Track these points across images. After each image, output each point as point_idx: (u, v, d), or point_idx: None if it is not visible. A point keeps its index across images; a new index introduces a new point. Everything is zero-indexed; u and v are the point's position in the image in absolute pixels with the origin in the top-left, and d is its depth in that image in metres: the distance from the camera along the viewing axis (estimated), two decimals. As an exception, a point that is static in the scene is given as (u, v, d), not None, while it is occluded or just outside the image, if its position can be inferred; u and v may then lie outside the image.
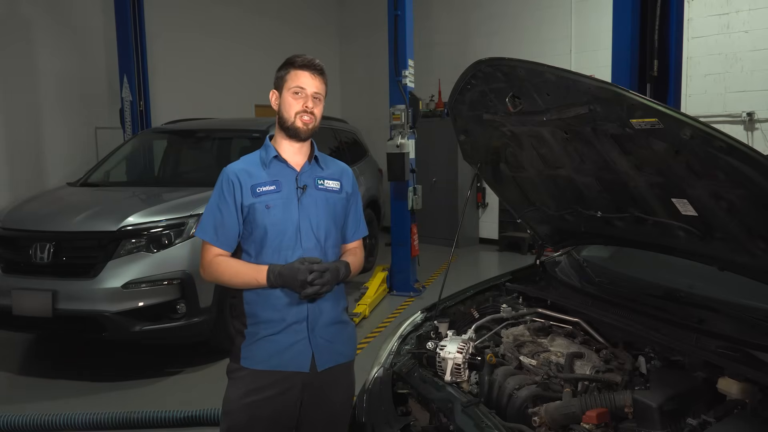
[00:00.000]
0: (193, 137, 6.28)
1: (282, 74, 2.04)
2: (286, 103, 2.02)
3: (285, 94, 2.02)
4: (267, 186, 2.01)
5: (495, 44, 9.16)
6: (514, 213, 2.74)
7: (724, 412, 1.60)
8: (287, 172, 2.05)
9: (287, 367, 1.99)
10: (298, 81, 2.00)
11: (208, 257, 2.02)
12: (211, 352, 4.61)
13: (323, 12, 11.42)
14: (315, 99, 2.02)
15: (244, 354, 2.00)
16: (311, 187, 2.06)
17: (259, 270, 1.94)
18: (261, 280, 1.93)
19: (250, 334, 2.01)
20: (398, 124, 6.50)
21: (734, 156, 1.46)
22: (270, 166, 2.04)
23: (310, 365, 2.01)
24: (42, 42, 7.44)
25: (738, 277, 1.88)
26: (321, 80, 2.03)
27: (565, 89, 1.76)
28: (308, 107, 2.01)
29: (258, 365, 1.99)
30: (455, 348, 2.03)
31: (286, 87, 2.01)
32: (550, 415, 1.71)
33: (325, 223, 2.05)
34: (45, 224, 4.44)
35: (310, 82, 2.01)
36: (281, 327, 1.98)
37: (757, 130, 7.10)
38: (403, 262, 6.76)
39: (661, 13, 4.42)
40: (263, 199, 1.99)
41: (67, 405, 3.85)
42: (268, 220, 1.98)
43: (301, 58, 2.02)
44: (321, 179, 2.09)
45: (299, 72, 2.00)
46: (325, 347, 2.04)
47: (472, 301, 2.61)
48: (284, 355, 1.99)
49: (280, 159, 2.06)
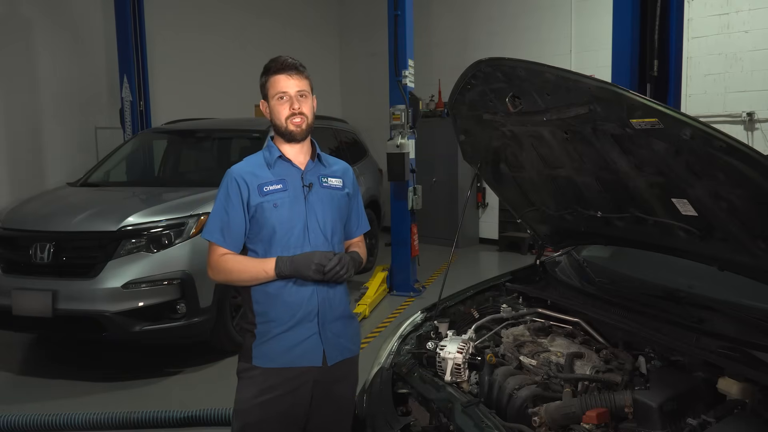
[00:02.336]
0: (193, 137, 6.28)
1: (263, 82, 2.07)
2: (274, 111, 2.05)
3: (271, 102, 2.05)
4: (274, 185, 2.03)
5: (495, 44, 9.16)
6: (514, 213, 2.74)
7: (724, 412, 1.60)
8: (292, 171, 2.07)
9: (300, 362, 2.01)
10: (278, 86, 2.03)
11: (215, 257, 2.04)
12: (211, 352, 4.61)
13: (323, 12, 11.41)
14: (300, 97, 2.03)
15: (255, 353, 2.02)
16: (317, 185, 2.08)
17: (267, 262, 1.97)
18: (269, 271, 1.96)
19: (261, 333, 2.03)
20: (398, 124, 6.50)
21: (734, 156, 1.46)
22: (275, 166, 2.06)
23: (322, 360, 2.03)
24: (42, 42, 7.44)
25: (738, 277, 1.88)
26: (300, 77, 2.05)
27: (565, 89, 1.76)
28: (296, 109, 2.02)
29: (271, 363, 2.01)
30: (455, 348, 2.03)
31: (270, 95, 2.05)
32: (550, 415, 1.71)
33: (331, 219, 2.09)
34: (45, 224, 4.44)
35: (289, 82, 2.02)
36: (292, 323, 2.01)
37: (757, 130, 7.10)
38: (403, 262, 6.76)
39: (661, 13, 4.41)
40: (271, 198, 2.01)
41: (67, 405, 3.85)
42: (277, 218, 2.00)
43: (275, 63, 2.05)
44: (325, 177, 2.12)
45: (277, 77, 2.03)
46: (334, 342, 2.07)
47: (472, 301, 2.61)
48: (296, 351, 2.01)
49: (284, 158, 2.08)
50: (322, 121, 6.93)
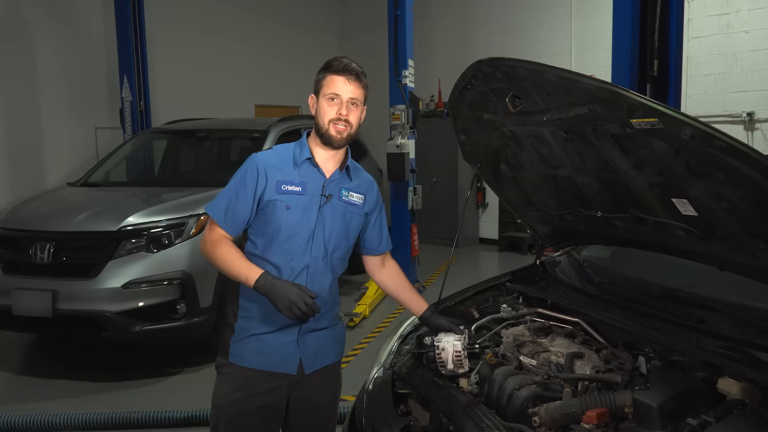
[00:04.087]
0: (193, 137, 6.27)
1: (319, 78, 1.99)
2: (321, 110, 1.97)
3: (321, 100, 1.97)
4: (293, 186, 1.97)
5: (495, 44, 9.16)
6: (514, 213, 2.74)
7: (724, 412, 1.60)
8: (316, 177, 2.01)
9: (274, 368, 1.99)
10: (333, 87, 1.95)
11: (212, 236, 1.97)
12: (211, 352, 4.57)
13: (323, 12, 11.41)
14: (351, 105, 1.96)
15: (232, 350, 2.01)
16: (335, 197, 2.03)
17: (253, 270, 1.89)
18: (251, 279, 1.87)
19: (240, 329, 2.01)
20: (398, 124, 6.51)
21: (734, 156, 1.46)
22: (301, 167, 2.00)
23: (298, 368, 2.01)
24: (42, 42, 7.44)
25: (738, 277, 1.87)
26: (358, 85, 1.96)
27: (565, 89, 1.76)
28: (342, 114, 1.95)
29: (245, 363, 1.99)
30: (453, 337, 2.01)
31: (322, 93, 1.97)
32: (550, 415, 1.71)
33: (337, 235, 2.03)
34: (45, 224, 4.44)
35: (345, 87, 1.95)
36: (273, 328, 1.98)
37: (757, 130, 7.10)
38: (403, 262, 6.73)
39: (661, 13, 4.42)
40: (285, 198, 1.95)
41: (67, 405, 3.85)
42: (285, 220, 1.95)
43: (338, 62, 1.96)
44: (347, 191, 2.06)
45: (334, 77, 1.95)
46: (313, 351, 2.04)
47: (472, 301, 2.61)
48: (272, 357, 1.99)
49: (312, 162, 2.02)
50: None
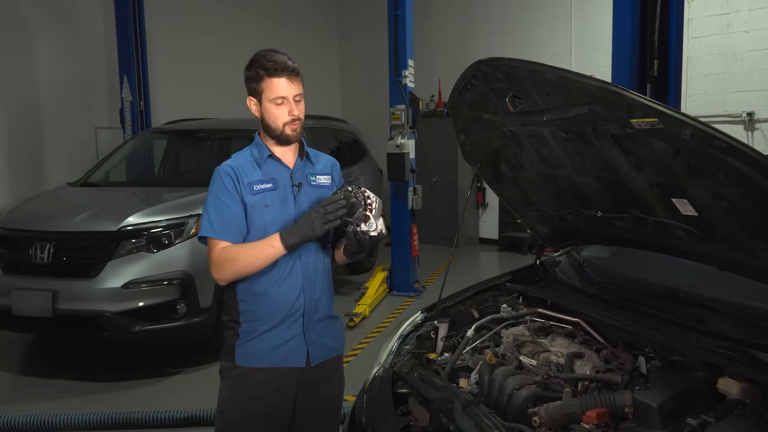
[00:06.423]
0: (193, 137, 6.28)
1: (255, 80, 1.95)
2: (270, 114, 1.97)
3: (267, 104, 1.96)
4: (264, 184, 2.00)
5: (495, 44, 9.16)
6: (514, 213, 2.74)
7: (724, 412, 1.60)
8: (281, 170, 2.04)
9: (284, 363, 2.00)
10: (277, 90, 1.93)
11: (216, 252, 1.96)
12: (211, 352, 4.60)
13: (323, 12, 11.41)
14: (297, 102, 1.97)
15: (239, 352, 2.01)
16: (305, 184, 2.07)
17: (270, 238, 1.91)
18: (277, 245, 1.89)
19: (245, 332, 2.01)
20: (398, 124, 6.50)
21: (734, 156, 1.46)
22: (264, 166, 2.03)
23: (306, 361, 2.03)
24: (42, 42, 7.44)
25: (738, 277, 1.88)
26: (297, 80, 1.96)
27: (565, 89, 1.76)
28: (294, 115, 1.96)
29: (254, 363, 1.99)
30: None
31: (265, 97, 1.95)
32: (550, 415, 1.71)
33: None
34: (45, 224, 4.44)
35: (288, 87, 1.94)
36: (277, 323, 1.99)
37: (757, 130, 7.10)
38: (403, 262, 6.75)
39: (661, 13, 4.42)
40: (261, 197, 1.98)
41: (67, 405, 3.85)
42: (267, 217, 1.97)
43: (272, 62, 1.91)
44: (313, 175, 2.10)
45: (274, 80, 1.92)
46: (318, 342, 2.06)
47: (472, 301, 2.61)
48: (280, 352, 2.00)
49: (273, 158, 2.04)
50: (321, 121, 6.93)
